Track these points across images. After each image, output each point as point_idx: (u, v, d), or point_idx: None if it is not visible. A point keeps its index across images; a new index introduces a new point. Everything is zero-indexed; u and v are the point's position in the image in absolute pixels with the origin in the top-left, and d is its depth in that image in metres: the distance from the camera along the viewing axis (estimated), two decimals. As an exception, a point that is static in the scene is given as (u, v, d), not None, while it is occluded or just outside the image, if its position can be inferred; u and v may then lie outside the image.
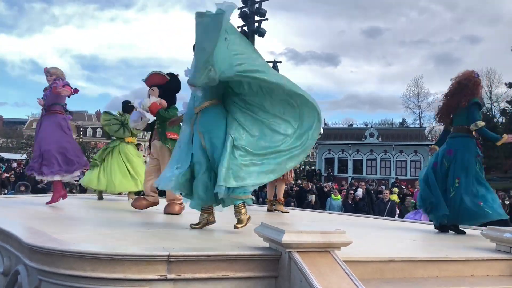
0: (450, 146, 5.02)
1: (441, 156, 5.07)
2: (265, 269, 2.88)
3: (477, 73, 5.14)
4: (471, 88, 5.00)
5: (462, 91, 5.00)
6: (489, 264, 3.44)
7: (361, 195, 13.20)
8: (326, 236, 2.83)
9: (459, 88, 5.04)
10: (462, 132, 5.00)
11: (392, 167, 33.79)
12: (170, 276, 2.67)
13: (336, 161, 35.06)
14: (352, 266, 2.77)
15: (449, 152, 4.99)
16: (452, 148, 4.98)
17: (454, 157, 4.93)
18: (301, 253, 2.74)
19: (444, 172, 4.98)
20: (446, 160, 4.99)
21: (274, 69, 11.79)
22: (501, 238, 3.65)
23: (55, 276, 2.72)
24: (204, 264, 2.75)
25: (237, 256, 2.85)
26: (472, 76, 5.06)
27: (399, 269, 3.18)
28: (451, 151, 4.97)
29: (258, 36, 11.62)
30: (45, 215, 5.13)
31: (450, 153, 4.98)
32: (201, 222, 4.10)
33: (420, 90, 51.38)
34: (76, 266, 2.65)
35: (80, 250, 2.70)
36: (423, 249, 3.91)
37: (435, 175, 5.04)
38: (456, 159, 4.91)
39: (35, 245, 2.85)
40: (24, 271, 3.04)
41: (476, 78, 5.08)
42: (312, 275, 2.55)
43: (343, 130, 36.68)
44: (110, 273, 2.61)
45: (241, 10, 11.61)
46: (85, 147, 56.20)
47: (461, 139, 4.98)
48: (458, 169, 4.87)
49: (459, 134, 5.02)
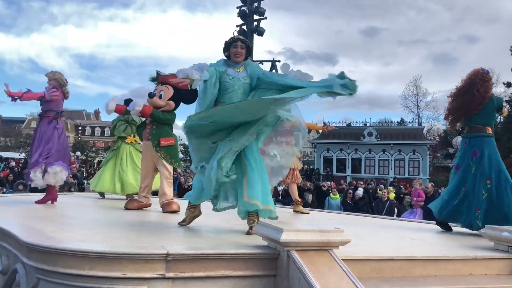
0: (474, 147, 4.86)
1: (466, 158, 4.91)
2: (264, 268, 2.88)
3: (486, 69, 5.02)
4: (478, 84, 4.86)
5: (471, 88, 4.88)
6: (487, 263, 3.44)
7: (361, 194, 13.20)
8: (324, 235, 2.83)
9: (469, 85, 4.92)
10: (483, 132, 4.88)
11: (390, 166, 33.81)
12: (169, 275, 2.67)
13: (334, 160, 35.07)
14: (351, 265, 2.77)
15: (475, 153, 4.83)
16: (477, 149, 4.83)
17: (480, 158, 4.78)
18: (300, 252, 2.74)
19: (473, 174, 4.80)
20: (472, 162, 4.82)
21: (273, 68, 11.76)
22: (499, 237, 3.66)
23: (53, 275, 2.72)
24: (202, 262, 2.75)
25: (235, 254, 2.85)
26: (480, 72, 4.95)
27: (397, 268, 3.18)
28: (476, 152, 4.82)
29: (257, 35, 11.60)
30: (43, 213, 5.12)
31: (475, 154, 4.82)
32: (188, 218, 4.15)
33: (418, 89, 51.38)
34: (74, 265, 2.65)
35: (78, 249, 2.70)
36: (422, 248, 3.92)
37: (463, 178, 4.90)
38: (482, 160, 4.76)
39: (33, 243, 2.85)
40: (22, 269, 3.04)
41: (485, 74, 4.94)
42: (311, 274, 2.56)
43: (342, 130, 36.66)
44: (108, 271, 2.61)
45: (240, 9, 11.59)
46: (84, 146, 56.42)
47: (485, 139, 4.86)
48: (487, 170, 4.72)
49: (480, 134, 4.89)
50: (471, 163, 4.84)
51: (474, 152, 4.84)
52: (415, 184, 11.76)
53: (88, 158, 57.76)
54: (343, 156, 34.98)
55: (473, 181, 4.79)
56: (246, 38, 11.65)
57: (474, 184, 4.77)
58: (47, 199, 5.97)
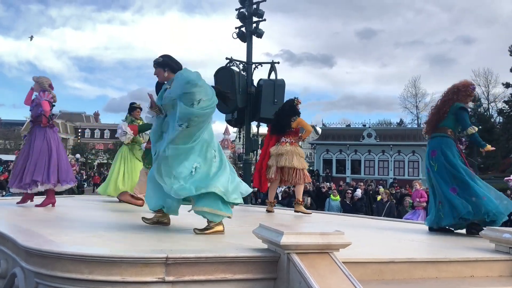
0: (432, 147, 5.03)
1: (427, 159, 5.09)
2: (264, 271, 2.87)
3: (474, 86, 5.17)
4: (462, 94, 5.01)
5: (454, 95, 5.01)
6: (488, 265, 3.43)
7: (360, 195, 13.19)
8: (325, 237, 2.82)
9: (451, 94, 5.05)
10: (441, 132, 5.00)
11: (390, 167, 33.82)
12: (168, 279, 2.65)
13: (334, 162, 35.06)
14: (352, 268, 2.76)
15: (433, 153, 5.00)
16: (436, 149, 4.97)
17: (438, 157, 4.93)
18: (300, 255, 2.72)
19: (435, 172, 4.96)
20: (432, 162, 4.99)
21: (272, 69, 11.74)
22: (500, 239, 3.64)
23: (52, 279, 2.70)
24: (202, 266, 2.74)
25: (235, 258, 2.83)
26: (468, 86, 5.08)
27: (398, 270, 3.16)
28: (435, 152, 4.98)
29: (256, 37, 11.59)
30: (42, 216, 5.10)
31: (434, 154, 4.99)
32: (154, 218, 4.30)
33: (417, 90, 51.48)
34: (73, 269, 2.63)
35: (77, 253, 2.68)
36: (422, 250, 3.90)
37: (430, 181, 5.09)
38: (439, 159, 4.92)
39: (31, 247, 2.83)
40: (21, 273, 3.02)
41: (472, 90, 5.09)
42: (311, 277, 2.54)
43: (341, 131, 36.66)
44: (107, 275, 2.60)
45: (239, 11, 11.58)
46: (84, 148, 56.37)
47: (441, 139, 4.97)
48: (442, 167, 4.87)
49: (438, 135, 5.02)
50: (431, 163, 5.00)
51: (433, 152, 5.00)
52: (415, 185, 11.75)
53: (87, 160, 57.73)
54: (343, 157, 34.97)
55: (436, 180, 4.94)
56: (245, 39, 11.63)
57: (437, 182, 4.94)
58: (46, 203, 5.96)
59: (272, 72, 11.37)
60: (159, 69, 4.14)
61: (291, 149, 6.49)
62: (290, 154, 6.44)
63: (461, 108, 4.97)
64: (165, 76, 4.12)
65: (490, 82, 47.02)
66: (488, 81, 46.93)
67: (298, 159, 6.46)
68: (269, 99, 11.01)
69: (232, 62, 11.42)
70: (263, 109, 10.97)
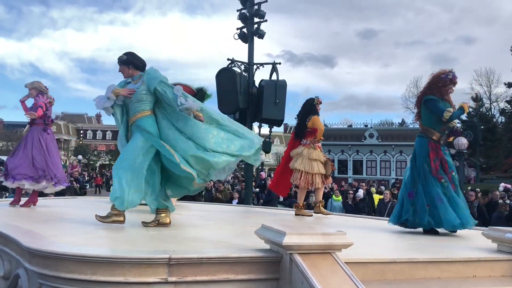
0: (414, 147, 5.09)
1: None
2: (267, 271, 2.87)
3: (450, 73, 4.89)
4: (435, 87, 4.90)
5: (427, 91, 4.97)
6: (490, 265, 3.43)
7: (362, 195, 13.17)
8: (327, 237, 2.82)
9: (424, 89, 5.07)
10: (421, 132, 5.02)
11: (392, 167, 33.81)
12: (171, 279, 2.66)
13: (336, 162, 35.04)
14: (354, 268, 2.76)
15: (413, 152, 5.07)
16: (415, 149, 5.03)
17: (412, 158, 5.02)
18: (302, 255, 2.73)
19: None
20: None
21: (274, 70, 11.72)
22: (502, 239, 3.63)
23: (55, 280, 2.71)
24: (205, 266, 2.74)
25: (238, 258, 2.84)
26: (439, 76, 4.92)
27: (400, 270, 3.17)
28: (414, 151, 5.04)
29: (257, 37, 11.58)
30: (45, 217, 5.12)
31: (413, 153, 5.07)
32: (110, 217, 4.35)
33: (419, 90, 51.43)
34: (76, 270, 2.64)
35: (80, 254, 2.70)
36: (424, 250, 3.89)
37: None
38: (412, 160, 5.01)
39: (34, 248, 2.85)
40: (24, 274, 3.03)
41: (445, 79, 4.87)
42: (313, 277, 2.54)
43: (343, 131, 36.67)
44: (110, 276, 2.61)
45: (240, 12, 11.58)
46: (86, 150, 56.45)
47: (419, 139, 4.99)
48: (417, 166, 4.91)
49: (419, 135, 5.05)
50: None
51: (413, 151, 5.08)
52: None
53: (90, 162, 57.80)
54: (345, 158, 34.98)
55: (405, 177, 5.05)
56: (246, 40, 11.63)
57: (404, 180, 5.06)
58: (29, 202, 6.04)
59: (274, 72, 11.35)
60: (124, 66, 4.42)
61: (300, 151, 6.38)
62: (296, 156, 6.38)
63: (426, 100, 4.89)
64: (129, 73, 4.43)
65: (492, 82, 46.88)
66: (490, 80, 46.80)
67: (302, 161, 6.30)
68: (270, 100, 10.99)
69: (233, 63, 11.41)
70: (265, 110, 10.95)
